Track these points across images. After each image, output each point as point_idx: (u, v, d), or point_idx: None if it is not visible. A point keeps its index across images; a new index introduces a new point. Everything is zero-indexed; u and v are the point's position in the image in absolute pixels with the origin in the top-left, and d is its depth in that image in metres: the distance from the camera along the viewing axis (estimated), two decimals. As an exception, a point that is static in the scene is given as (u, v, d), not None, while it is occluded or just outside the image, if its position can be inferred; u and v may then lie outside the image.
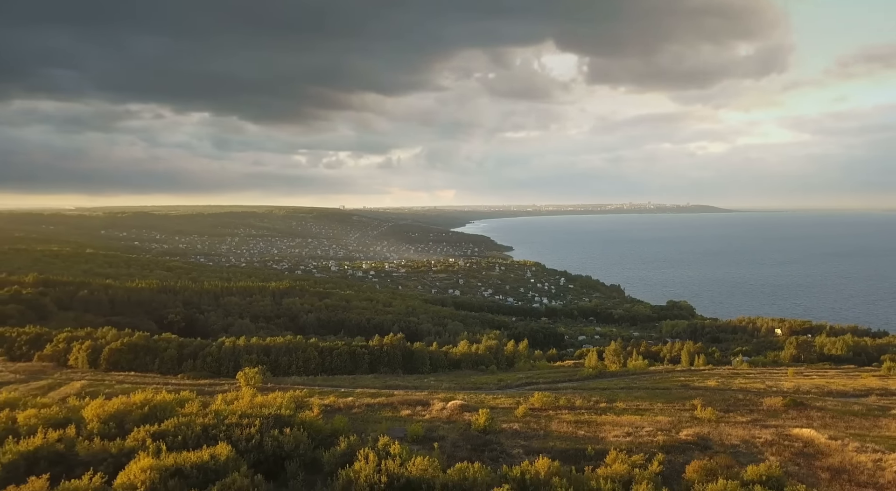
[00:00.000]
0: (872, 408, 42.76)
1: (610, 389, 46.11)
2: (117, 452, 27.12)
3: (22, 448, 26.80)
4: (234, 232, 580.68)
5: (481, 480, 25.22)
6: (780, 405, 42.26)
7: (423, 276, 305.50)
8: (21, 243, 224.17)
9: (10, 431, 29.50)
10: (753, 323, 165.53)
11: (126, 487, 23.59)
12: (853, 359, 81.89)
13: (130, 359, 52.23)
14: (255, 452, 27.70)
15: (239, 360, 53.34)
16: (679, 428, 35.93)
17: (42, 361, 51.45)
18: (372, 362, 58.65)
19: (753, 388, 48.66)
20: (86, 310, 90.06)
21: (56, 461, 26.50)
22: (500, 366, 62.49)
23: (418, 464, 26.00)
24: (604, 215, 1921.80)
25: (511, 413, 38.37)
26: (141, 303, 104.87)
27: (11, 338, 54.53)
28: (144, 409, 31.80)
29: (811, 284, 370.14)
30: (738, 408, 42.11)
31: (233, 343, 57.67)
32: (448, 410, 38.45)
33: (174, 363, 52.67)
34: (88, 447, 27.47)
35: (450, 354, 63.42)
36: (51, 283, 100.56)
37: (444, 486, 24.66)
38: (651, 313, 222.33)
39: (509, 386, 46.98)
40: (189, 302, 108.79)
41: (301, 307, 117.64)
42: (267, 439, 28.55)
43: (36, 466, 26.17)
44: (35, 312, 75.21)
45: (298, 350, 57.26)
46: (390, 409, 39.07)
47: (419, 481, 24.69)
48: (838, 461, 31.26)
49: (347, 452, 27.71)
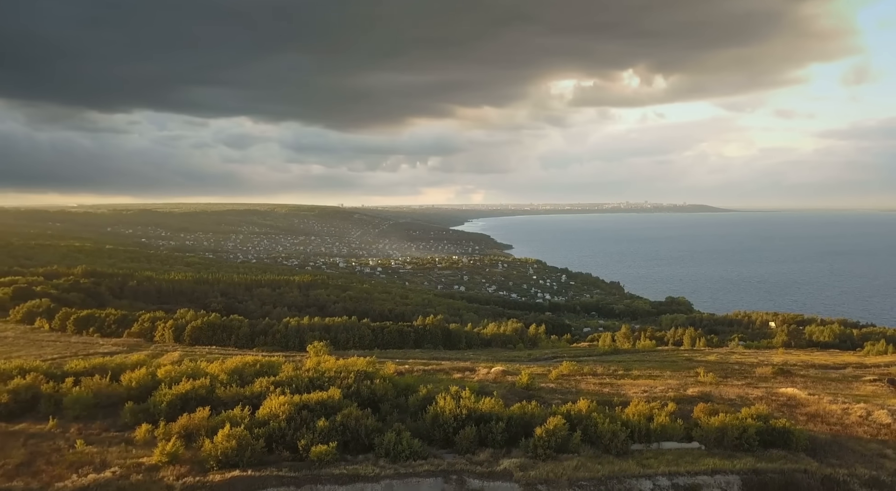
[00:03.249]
0: (847, 376, 50.40)
1: (625, 362, 53.79)
2: (249, 394, 34.71)
3: (175, 392, 34.42)
4: (237, 229, 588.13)
5: (537, 414, 32.87)
6: (769, 373, 49.92)
7: (429, 272, 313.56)
8: (40, 239, 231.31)
9: (155, 381, 36.99)
10: (749, 316, 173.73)
11: (269, 416, 31.20)
12: (839, 345, 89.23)
13: (209, 335, 59.87)
14: (354, 397, 35.16)
15: (304, 336, 60.84)
16: (686, 388, 43.53)
17: (131, 337, 58.89)
18: (417, 340, 66.47)
19: (747, 361, 56.32)
20: (135, 298, 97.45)
21: (202, 402, 33.99)
22: (526, 345, 70.16)
23: (487, 403, 33.66)
24: (601, 215, 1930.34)
25: (545, 377, 45.90)
26: (183, 292, 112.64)
27: (101, 318, 61.90)
28: (256, 366, 39.39)
29: (805, 280, 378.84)
30: (734, 375, 49.73)
31: (297, 322, 65.61)
32: (493, 374, 45.99)
33: (247, 339, 60.23)
34: (226, 391, 35.08)
35: (481, 334, 71.32)
36: (97, 274, 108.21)
37: (510, 418, 32.29)
38: (650, 309, 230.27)
39: (538, 359, 54.50)
40: (225, 292, 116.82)
41: (328, 298, 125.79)
42: (362, 387, 36.15)
43: (187, 405, 33.78)
44: (93, 299, 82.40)
45: (354, 328, 65.34)
46: (443, 373, 46.49)
47: (490, 415, 32.27)
48: (814, 409, 38.97)
49: (427, 397, 35.19)
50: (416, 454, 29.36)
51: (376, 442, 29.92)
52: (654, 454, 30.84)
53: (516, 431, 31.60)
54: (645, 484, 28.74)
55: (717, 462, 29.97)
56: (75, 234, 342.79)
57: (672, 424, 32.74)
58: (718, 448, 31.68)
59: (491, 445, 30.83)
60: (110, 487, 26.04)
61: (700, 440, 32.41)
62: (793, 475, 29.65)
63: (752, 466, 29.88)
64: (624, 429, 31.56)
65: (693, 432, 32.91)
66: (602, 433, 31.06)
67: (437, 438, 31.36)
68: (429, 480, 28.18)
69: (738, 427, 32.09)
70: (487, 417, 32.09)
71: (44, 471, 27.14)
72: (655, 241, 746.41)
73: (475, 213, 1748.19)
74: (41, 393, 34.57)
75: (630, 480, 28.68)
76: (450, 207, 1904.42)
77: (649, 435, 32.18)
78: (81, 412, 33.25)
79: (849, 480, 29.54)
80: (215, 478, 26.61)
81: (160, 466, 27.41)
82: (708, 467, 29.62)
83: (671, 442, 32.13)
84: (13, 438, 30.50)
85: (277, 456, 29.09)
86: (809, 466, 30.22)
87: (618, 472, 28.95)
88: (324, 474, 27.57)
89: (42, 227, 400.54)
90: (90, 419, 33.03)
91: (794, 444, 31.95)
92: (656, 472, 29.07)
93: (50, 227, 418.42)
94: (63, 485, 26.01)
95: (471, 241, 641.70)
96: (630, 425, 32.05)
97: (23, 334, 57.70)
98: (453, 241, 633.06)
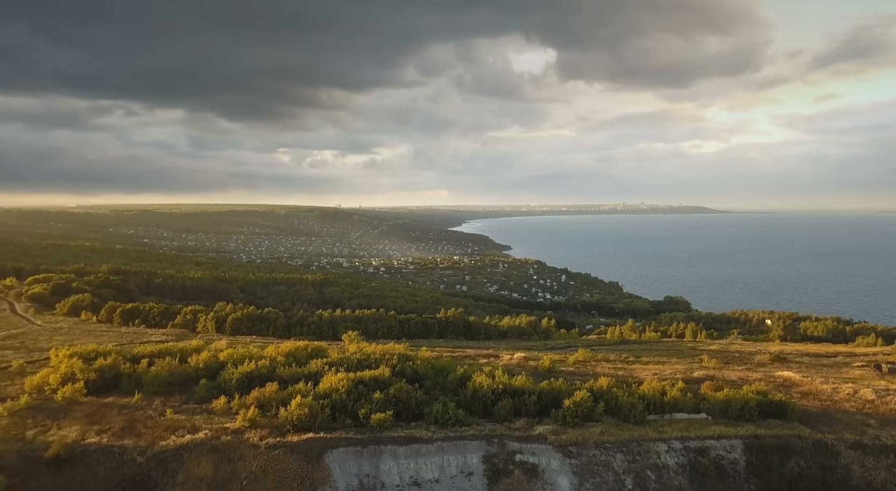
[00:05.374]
0: (838, 363, 54.92)
1: (634, 350, 58.25)
2: (307, 373, 39.04)
3: (241, 371, 38.78)
4: (238, 230, 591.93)
5: (564, 389, 37.31)
6: (767, 360, 54.43)
7: (431, 272, 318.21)
8: (49, 239, 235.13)
9: (219, 363, 41.28)
10: (745, 314, 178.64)
11: (330, 389, 35.57)
12: (832, 340, 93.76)
13: (249, 326, 64.12)
14: (399, 375, 39.48)
15: (336, 327, 65.19)
16: (692, 371, 48.01)
17: (174, 327, 63.04)
18: (440, 330, 70.88)
19: (747, 350, 60.81)
20: (161, 294, 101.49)
21: (265, 379, 38.33)
22: (540, 336, 74.55)
23: (519, 379, 38.09)
24: (597, 216, 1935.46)
25: (563, 362, 50.30)
26: (205, 289, 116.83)
27: (145, 310, 66.05)
28: (308, 349, 43.74)
29: (801, 281, 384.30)
30: (735, 361, 54.23)
31: (330, 314, 70.06)
32: (515, 360, 50.41)
33: (284, 330, 64.48)
34: (286, 370, 39.43)
35: (498, 326, 75.86)
36: (123, 272, 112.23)
37: (540, 392, 36.72)
38: (649, 307, 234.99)
39: (554, 348, 58.87)
40: (244, 289, 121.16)
41: (342, 295, 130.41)
42: (406, 367, 40.52)
43: (253, 382, 38.13)
44: (123, 295, 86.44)
45: (382, 320, 69.84)
46: (470, 359, 50.87)
47: (522, 389, 36.70)
48: (807, 388, 43.47)
49: (464, 376, 39.52)
50: (460, 422, 33.77)
51: (425, 411, 34.32)
52: (668, 423, 35.30)
53: (546, 403, 36.01)
54: (661, 446, 33.26)
55: (723, 429, 34.50)
56: (79, 234, 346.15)
57: (683, 398, 37.23)
58: (723, 418, 36.14)
59: (525, 415, 35.24)
60: (205, 446, 30.41)
61: (707, 412, 36.86)
62: (788, 440, 34.20)
63: (753, 432, 34.42)
64: (641, 401, 36.02)
65: (701, 405, 37.37)
66: (622, 405, 35.50)
67: (476, 409, 35.73)
68: (474, 443, 32.62)
69: (740, 400, 36.58)
70: (521, 392, 36.52)
71: (144, 433, 31.46)
72: (649, 242, 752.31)
73: (472, 214, 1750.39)
74: (122, 372, 38.84)
75: (648, 443, 33.20)
76: (447, 208, 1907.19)
77: (663, 407, 36.63)
78: (159, 388, 37.51)
79: (836, 444, 34.11)
80: (293, 439, 31.00)
81: (243, 430, 31.77)
82: (714, 433, 34.17)
83: (682, 413, 36.58)
84: (108, 408, 34.81)
85: (341, 422, 33.43)
86: (802, 433, 34.75)
87: (637, 436, 33.46)
88: (385, 437, 31.99)
89: (46, 227, 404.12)
90: (168, 394, 37.29)
91: (790, 415, 36.41)
92: (670, 436, 33.59)
93: (53, 227, 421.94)
94: (165, 443, 30.37)
95: (470, 242, 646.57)
96: (646, 398, 36.50)
97: (75, 326, 61.81)
98: (452, 242, 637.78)
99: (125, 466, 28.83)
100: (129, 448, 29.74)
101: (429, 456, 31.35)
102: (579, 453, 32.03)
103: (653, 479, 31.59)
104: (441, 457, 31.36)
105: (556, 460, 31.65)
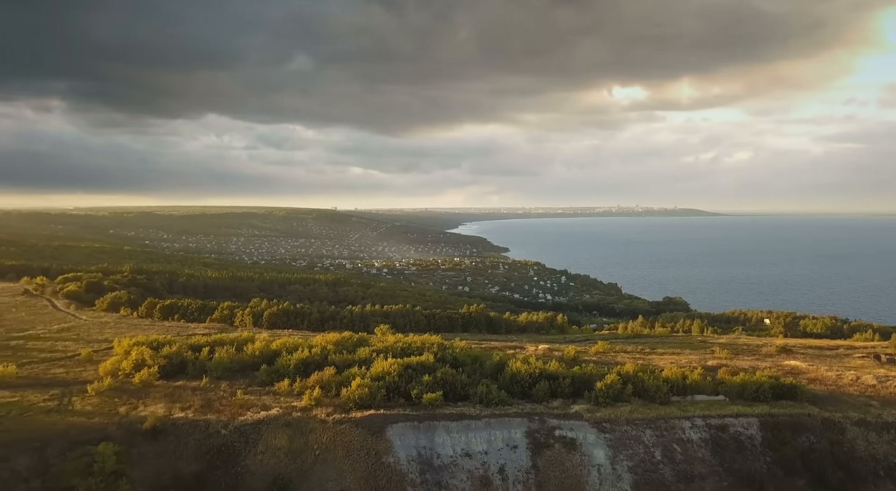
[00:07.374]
0: (840, 354, 58.59)
1: (648, 343, 61.87)
2: (358, 359, 42.47)
3: (297, 357, 42.21)
4: (237, 232, 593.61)
5: (595, 374, 40.85)
6: (774, 351, 58.09)
7: (433, 273, 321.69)
8: (56, 240, 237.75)
9: (272, 351, 44.65)
10: (745, 314, 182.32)
11: (382, 373, 39.01)
12: (830, 336, 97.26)
13: (284, 320, 67.59)
14: (441, 361, 42.91)
15: (367, 321, 68.70)
16: (706, 361, 51.59)
17: (213, 322, 66.30)
18: (464, 325, 74.50)
19: (754, 343, 64.47)
20: (184, 292, 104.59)
21: (318, 365, 41.76)
22: (556, 331, 78.12)
23: (553, 365, 41.63)
24: (593, 218, 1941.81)
25: (585, 353, 53.80)
26: (226, 288, 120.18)
27: (184, 306, 69.38)
28: (354, 339, 47.17)
29: (798, 282, 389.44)
30: (744, 353, 57.86)
31: (361, 309, 73.68)
32: (540, 350, 53.88)
33: (318, 324, 67.90)
34: (337, 357, 42.84)
35: (517, 321, 79.51)
36: (146, 272, 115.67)
37: (573, 376, 40.24)
38: (649, 308, 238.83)
39: (573, 341, 62.38)
40: (262, 288, 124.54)
41: (356, 294, 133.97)
42: (446, 354, 43.97)
43: (308, 367, 41.54)
44: (150, 293, 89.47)
45: (410, 315, 73.44)
46: (498, 350, 54.30)
47: (557, 374, 40.21)
48: (813, 375, 47.10)
49: (500, 363, 43.01)
50: (503, 402, 37.27)
51: (470, 392, 37.79)
52: (690, 403, 38.86)
53: (579, 386, 39.52)
54: (685, 423, 36.84)
55: (740, 408, 38.10)
56: (83, 236, 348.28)
57: (702, 382, 40.84)
58: (740, 399, 39.73)
59: (560, 396, 38.73)
60: (280, 421, 33.84)
61: (725, 394, 40.45)
62: (799, 417, 37.84)
63: (767, 411, 38.03)
64: (665, 384, 39.61)
65: (719, 388, 40.99)
66: (648, 387, 39.06)
67: (515, 391, 39.16)
68: (517, 420, 36.13)
69: (755, 383, 40.21)
70: (555, 376, 40.06)
71: (222, 410, 34.86)
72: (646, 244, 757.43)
73: (468, 216, 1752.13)
74: (186, 359, 42.25)
75: (673, 420, 36.78)
76: (443, 211, 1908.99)
77: (685, 389, 40.21)
78: (222, 373, 40.87)
79: (843, 421, 37.74)
80: (356, 415, 34.45)
81: (310, 408, 35.19)
82: (733, 412, 37.77)
83: (702, 395, 40.15)
84: (182, 390, 38.20)
85: (395, 402, 36.86)
86: (812, 412, 38.38)
87: (663, 414, 37.03)
88: (437, 414, 35.48)
89: (49, 229, 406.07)
90: (231, 378, 40.65)
91: (800, 396, 40.04)
92: (693, 415, 37.18)
93: (56, 229, 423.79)
94: (244, 419, 33.79)
95: (468, 244, 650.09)
96: (669, 382, 40.09)
97: (118, 321, 64.98)
98: (451, 244, 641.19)
99: (211, 437, 32.24)
100: (212, 422, 33.15)
101: (478, 431, 34.85)
102: (612, 429, 35.56)
103: (679, 451, 35.14)
104: (488, 432, 34.85)
105: (592, 435, 35.18)
